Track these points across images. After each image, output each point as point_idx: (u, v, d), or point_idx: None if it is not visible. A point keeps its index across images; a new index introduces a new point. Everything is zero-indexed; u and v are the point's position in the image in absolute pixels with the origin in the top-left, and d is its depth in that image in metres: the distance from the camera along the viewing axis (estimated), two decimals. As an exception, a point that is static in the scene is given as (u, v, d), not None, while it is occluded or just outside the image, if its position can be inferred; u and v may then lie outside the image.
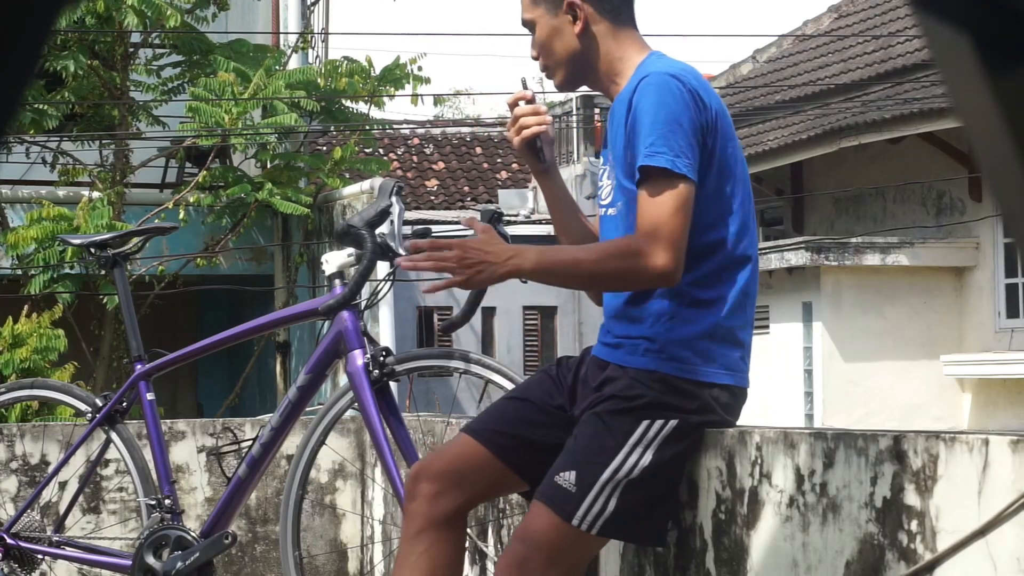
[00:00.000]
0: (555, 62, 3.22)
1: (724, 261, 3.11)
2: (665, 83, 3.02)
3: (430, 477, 3.25)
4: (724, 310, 3.10)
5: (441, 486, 3.23)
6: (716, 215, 3.10)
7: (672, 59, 3.16)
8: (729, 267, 3.11)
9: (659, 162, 2.97)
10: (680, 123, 2.99)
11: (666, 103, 3.00)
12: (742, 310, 3.14)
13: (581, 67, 3.22)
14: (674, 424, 3.08)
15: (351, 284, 3.92)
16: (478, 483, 3.27)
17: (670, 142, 2.98)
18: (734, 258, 3.12)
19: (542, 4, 3.21)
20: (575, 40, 3.19)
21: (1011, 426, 13.30)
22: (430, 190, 22.24)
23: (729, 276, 3.11)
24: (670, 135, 2.98)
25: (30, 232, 12.52)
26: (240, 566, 5.93)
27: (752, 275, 3.16)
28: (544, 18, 3.20)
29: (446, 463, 3.27)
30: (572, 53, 3.19)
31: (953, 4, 0.93)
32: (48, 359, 11.40)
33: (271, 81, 13.35)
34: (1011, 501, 2.42)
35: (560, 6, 3.18)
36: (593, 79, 3.24)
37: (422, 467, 3.31)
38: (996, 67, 0.91)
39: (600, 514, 3.06)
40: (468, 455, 3.25)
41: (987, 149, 0.94)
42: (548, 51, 3.22)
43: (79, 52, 13.03)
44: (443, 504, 3.23)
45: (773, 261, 14.47)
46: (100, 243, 4.53)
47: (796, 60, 18.27)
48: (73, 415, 5.18)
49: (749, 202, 3.18)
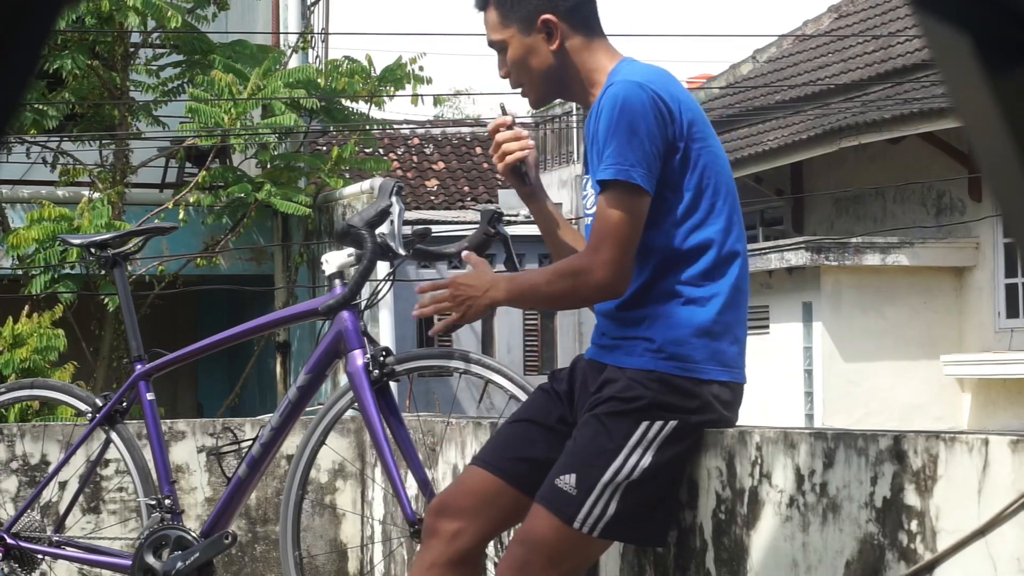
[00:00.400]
0: (530, 80, 3.23)
1: (714, 259, 3.11)
2: (625, 92, 3.03)
3: (452, 515, 3.24)
4: (719, 307, 3.11)
5: (463, 524, 3.23)
6: (701, 215, 3.11)
7: (642, 64, 3.16)
8: (720, 264, 3.12)
9: (609, 175, 3.01)
10: (636, 132, 3.01)
11: (624, 112, 3.01)
12: (736, 306, 3.14)
13: (557, 83, 3.23)
14: (674, 425, 3.08)
15: (351, 284, 3.92)
16: (496, 515, 3.26)
17: (624, 153, 3.00)
18: (724, 255, 3.13)
19: (514, 24, 3.20)
20: (550, 57, 3.19)
21: (1011, 426, 13.30)
22: (430, 190, 22.24)
23: (720, 273, 3.12)
24: (625, 145, 3.00)
25: (31, 232, 12.52)
26: (240, 566, 5.93)
27: (742, 270, 3.16)
28: (516, 38, 3.20)
29: (465, 498, 3.25)
30: (548, 70, 3.20)
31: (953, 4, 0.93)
32: (48, 359, 11.40)
33: (270, 81, 13.35)
34: (1011, 501, 2.42)
35: (533, 25, 3.18)
36: (569, 93, 3.26)
37: (443, 504, 3.29)
38: (996, 67, 0.91)
39: (601, 516, 3.06)
40: (483, 487, 3.25)
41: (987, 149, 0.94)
42: (523, 70, 3.22)
43: (79, 52, 13.03)
44: (463, 542, 3.23)
45: (773, 261, 14.47)
46: (100, 243, 4.53)
47: (796, 60, 18.27)
48: (73, 415, 5.18)
49: (733, 198, 3.18)
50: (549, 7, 3.18)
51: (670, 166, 3.08)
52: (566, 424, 3.22)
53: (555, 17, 3.17)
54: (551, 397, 3.28)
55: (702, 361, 3.09)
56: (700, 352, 3.08)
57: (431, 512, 3.30)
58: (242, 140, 13.60)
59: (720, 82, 19.40)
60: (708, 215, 3.11)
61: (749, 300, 3.26)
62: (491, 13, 3.25)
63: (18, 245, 12.58)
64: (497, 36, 3.23)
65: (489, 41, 3.27)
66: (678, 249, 3.09)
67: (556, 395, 3.27)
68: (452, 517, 3.24)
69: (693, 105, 3.15)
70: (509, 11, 3.20)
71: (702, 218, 3.11)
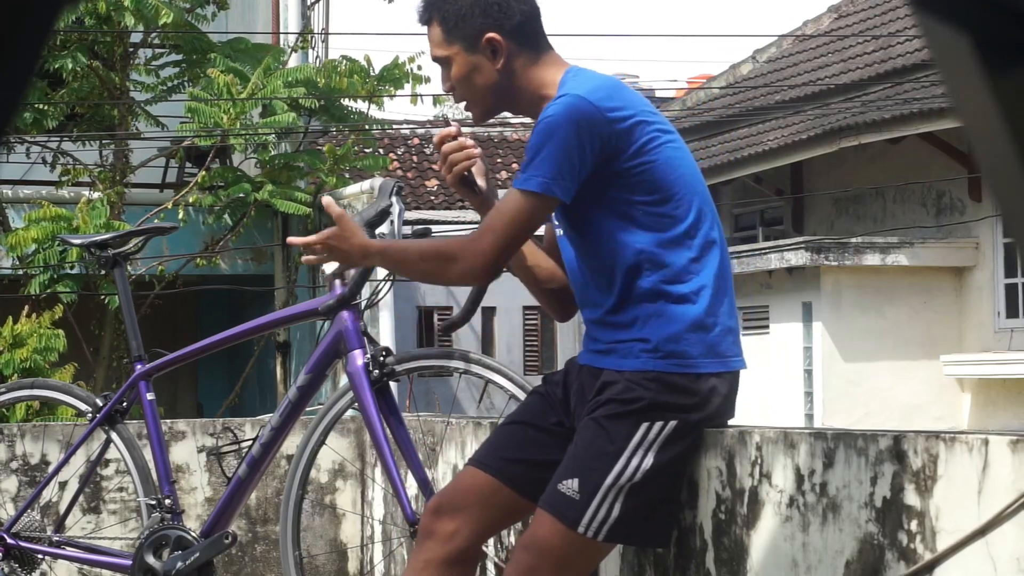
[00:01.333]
0: (474, 97, 3.23)
1: (692, 252, 3.11)
2: (565, 104, 3.03)
3: (448, 514, 3.26)
4: (707, 298, 3.11)
5: (459, 524, 3.24)
6: (670, 211, 3.11)
7: (586, 75, 3.15)
8: (699, 256, 3.12)
9: (532, 185, 3.03)
10: (564, 143, 3.01)
11: (555, 126, 3.01)
12: (723, 294, 3.14)
13: (502, 99, 3.23)
14: (674, 424, 3.08)
15: (351, 284, 3.92)
16: (492, 515, 3.28)
17: (550, 164, 3.01)
18: (701, 246, 3.12)
19: (458, 42, 3.19)
20: (495, 75, 3.19)
21: (1011, 426, 13.31)
22: (430, 190, 22.25)
23: (701, 264, 3.12)
24: (550, 158, 3.01)
25: (30, 232, 12.52)
26: (240, 566, 5.93)
27: (722, 256, 3.16)
28: (460, 55, 3.19)
29: (461, 498, 3.27)
30: (493, 87, 3.20)
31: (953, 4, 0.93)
32: (48, 359, 11.40)
33: (270, 80, 13.34)
34: (1011, 501, 2.42)
35: (478, 43, 3.17)
36: (516, 107, 3.26)
37: (439, 504, 3.30)
38: (996, 67, 0.91)
39: (605, 520, 3.07)
40: (479, 488, 3.26)
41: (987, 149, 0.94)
42: (467, 87, 3.22)
43: (79, 52, 13.03)
44: (459, 542, 3.24)
45: (773, 261, 14.46)
46: (100, 243, 4.53)
47: (796, 60, 18.26)
48: (73, 415, 5.18)
49: (700, 187, 3.17)
50: (494, 25, 3.17)
51: (626, 172, 3.08)
52: (563, 427, 3.23)
53: (499, 36, 3.17)
54: (546, 400, 3.28)
55: (698, 356, 3.09)
56: (696, 347, 3.09)
57: (427, 512, 3.31)
58: (242, 140, 13.59)
59: (720, 82, 19.39)
60: (677, 210, 3.11)
61: (749, 300, 3.26)
62: (435, 29, 3.24)
63: (17, 245, 12.58)
64: (441, 52, 3.23)
65: (433, 56, 3.26)
66: (653, 248, 3.09)
67: (551, 399, 3.27)
68: (448, 517, 3.25)
69: (640, 107, 3.13)
70: (453, 28, 3.20)
71: (671, 213, 3.11)
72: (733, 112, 17.56)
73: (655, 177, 3.10)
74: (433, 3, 3.24)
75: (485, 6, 3.18)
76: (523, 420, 3.30)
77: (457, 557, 3.25)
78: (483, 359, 4.02)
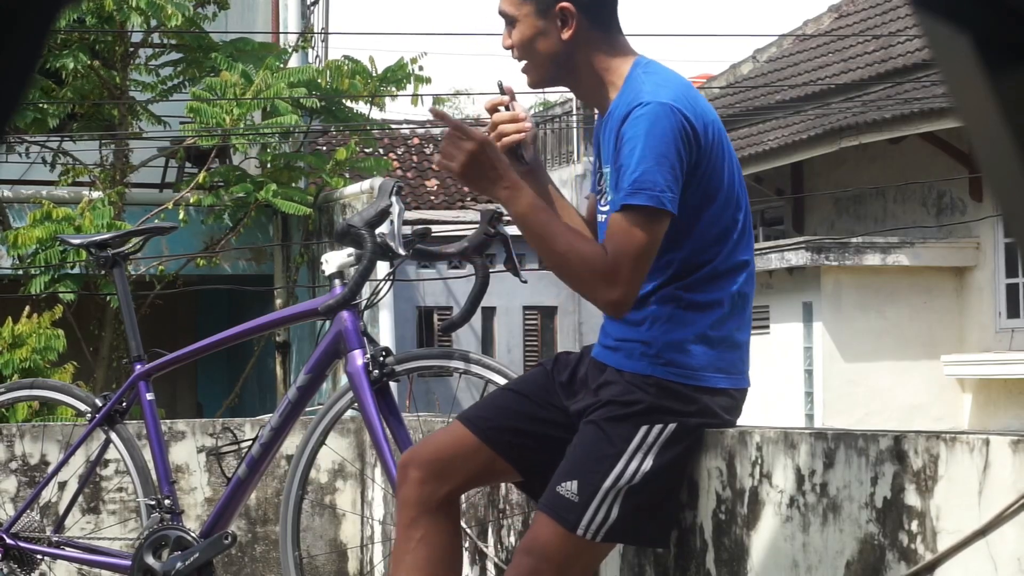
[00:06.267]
0: (535, 62, 3.17)
1: (720, 267, 3.11)
2: (657, 115, 2.98)
3: (418, 464, 3.28)
4: (720, 313, 3.10)
5: (428, 472, 3.26)
6: (720, 228, 3.11)
7: (661, 72, 3.11)
8: (725, 272, 3.12)
9: (640, 200, 2.96)
10: (667, 156, 2.97)
11: (655, 136, 2.97)
12: (740, 312, 3.13)
13: (562, 71, 3.18)
14: (673, 427, 3.08)
15: (351, 284, 3.92)
16: (467, 470, 3.28)
17: (655, 178, 2.96)
18: (730, 264, 3.12)
19: (530, 3, 3.14)
20: (560, 45, 3.13)
21: (1012, 426, 13.30)
22: (430, 190, 22.25)
23: (725, 280, 3.11)
24: (655, 170, 2.96)
25: (34, 232, 12.51)
26: (240, 566, 5.93)
27: (748, 278, 3.16)
28: (530, 18, 3.14)
29: (434, 450, 3.29)
30: (555, 56, 3.15)
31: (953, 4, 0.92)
32: (48, 359, 11.39)
33: (274, 81, 13.34)
34: (1012, 501, 2.42)
35: (551, 9, 3.12)
36: (573, 84, 3.21)
37: (411, 454, 3.33)
38: (996, 67, 0.91)
39: (604, 522, 3.07)
40: (458, 442, 3.27)
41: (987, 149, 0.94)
42: (529, 50, 3.16)
43: (79, 51, 13.03)
44: (431, 490, 3.25)
45: (773, 261, 14.46)
46: (100, 243, 4.53)
47: (796, 60, 18.26)
48: (73, 415, 5.18)
49: (747, 205, 3.17)
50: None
51: (693, 183, 3.05)
52: (559, 407, 3.22)
53: (574, 8, 3.12)
54: (550, 378, 3.27)
55: (700, 368, 3.08)
56: (699, 359, 3.08)
57: (400, 464, 3.34)
58: (244, 140, 13.59)
59: (720, 82, 19.39)
60: (726, 227, 3.11)
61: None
62: None
63: (19, 244, 12.57)
64: (511, 9, 3.17)
65: (500, 10, 3.19)
66: (691, 259, 3.09)
67: (555, 378, 3.26)
68: (419, 466, 3.27)
69: (713, 116, 3.11)
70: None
71: (720, 230, 3.10)
72: (733, 112, 17.55)
73: (715, 190, 3.09)
74: None
75: None
76: (522, 389, 3.30)
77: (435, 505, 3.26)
78: (483, 359, 4.02)
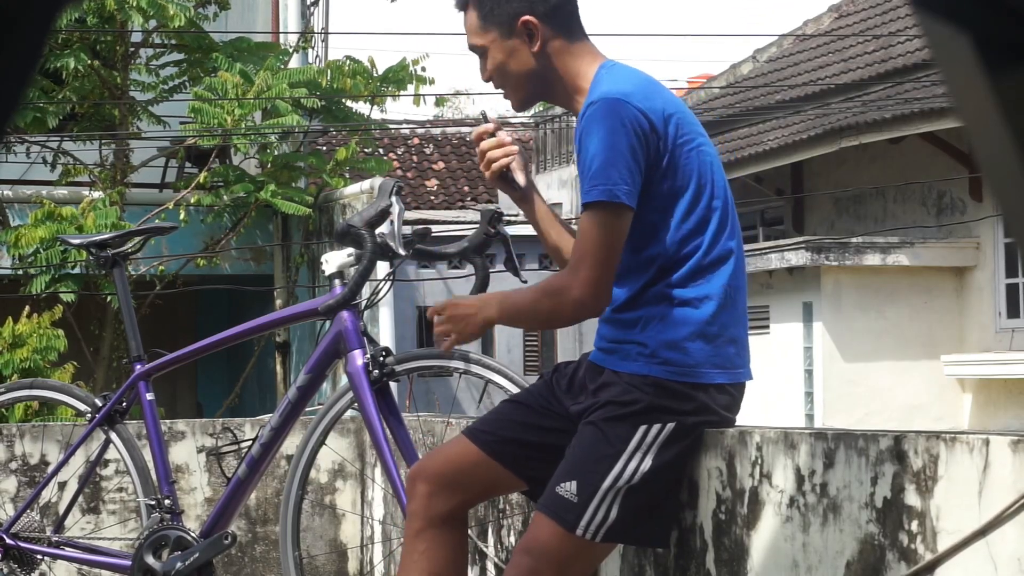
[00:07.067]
0: (512, 84, 3.23)
1: (704, 259, 3.11)
2: (606, 110, 3.02)
3: (426, 478, 3.31)
4: (713, 307, 3.10)
5: (436, 486, 3.28)
6: (696, 218, 3.11)
7: (623, 71, 3.14)
8: (712, 264, 3.11)
9: (594, 196, 3.02)
10: (618, 149, 3.01)
11: (605, 131, 3.01)
12: (732, 305, 3.13)
13: (539, 86, 3.22)
14: (671, 427, 3.08)
15: (351, 284, 3.92)
16: (474, 484, 3.31)
17: (608, 172, 3.00)
18: (717, 254, 3.12)
19: (493, 28, 3.19)
20: (532, 60, 3.18)
21: (1012, 426, 13.30)
22: (430, 190, 22.24)
23: (712, 273, 3.11)
24: (608, 165, 3.00)
25: (36, 232, 12.51)
26: (240, 566, 5.93)
27: (737, 268, 3.15)
28: (497, 42, 3.19)
29: (441, 464, 3.31)
30: (529, 73, 3.19)
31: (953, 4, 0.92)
32: (48, 359, 11.39)
33: (275, 81, 13.34)
34: (1012, 501, 2.42)
35: (513, 28, 3.17)
36: (552, 95, 3.25)
37: (419, 468, 3.36)
38: (996, 67, 0.91)
39: (603, 522, 3.07)
40: (463, 457, 3.29)
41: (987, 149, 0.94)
42: (505, 74, 3.22)
43: (80, 51, 13.02)
44: (439, 504, 3.28)
45: (773, 261, 14.46)
46: (99, 243, 4.53)
47: (796, 60, 18.26)
48: (73, 415, 5.18)
49: (725, 194, 3.17)
50: (528, 8, 3.17)
51: (659, 176, 3.07)
52: (562, 414, 3.23)
53: (535, 19, 3.16)
54: (551, 387, 3.29)
55: (698, 364, 3.08)
56: (695, 355, 3.08)
57: (409, 477, 3.37)
58: (246, 140, 13.58)
59: (720, 82, 19.39)
60: (702, 217, 3.11)
61: (749, 300, 3.26)
62: (471, 15, 3.24)
63: (20, 244, 12.57)
64: (478, 40, 3.23)
65: (470, 45, 3.26)
66: (673, 253, 3.09)
67: (557, 386, 3.28)
68: (427, 480, 3.30)
69: (677, 108, 3.13)
70: (488, 14, 3.20)
71: (697, 221, 3.11)
72: (733, 112, 17.56)
73: (685, 180, 3.10)
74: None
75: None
76: (525, 401, 3.33)
77: (442, 519, 3.29)
78: (483, 359, 4.02)
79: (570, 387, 3.25)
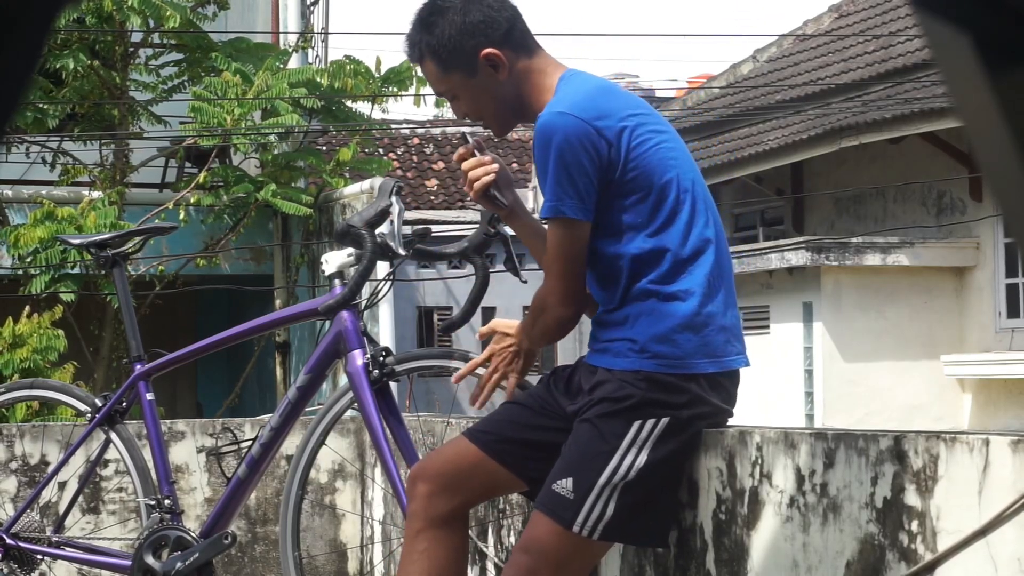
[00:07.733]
0: (490, 115, 3.27)
1: (682, 252, 3.12)
2: (548, 127, 3.06)
3: (426, 478, 3.33)
4: (698, 297, 3.11)
5: (436, 487, 3.30)
6: (666, 213, 3.13)
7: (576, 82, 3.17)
8: (691, 257, 3.13)
9: (544, 212, 3.11)
10: (563, 163, 3.05)
11: (552, 148, 3.05)
12: (717, 292, 3.14)
13: (515, 109, 3.25)
14: (666, 422, 3.09)
15: (351, 284, 3.92)
16: (474, 485, 3.33)
17: (555, 188, 3.07)
18: (692, 246, 3.13)
19: (456, 70, 3.21)
20: (503, 88, 3.21)
21: (1012, 426, 13.31)
22: (430, 190, 22.25)
23: (693, 264, 3.13)
24: (555, 182, 3.06)
25: (36, 232, 12.51)
26: (240, 566, 5.93)
27: (718, 255, 3.16)
28: (465, 83, 3.22)
29: (442, 465, 3.33)
30: (504, 101, 3.23)
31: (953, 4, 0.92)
32: (48, 359, 11.39)
33: (275, 81, 13.34)
34: (1012, 501, 2.42)
35: (476, 64, 3.19)
36: (529, 115, 3.27)
37: (419, 468, 3.38)
38: (996, 67, 0.91)
39: (600, 519, 3.08)
40: (464, 458, 3.31)
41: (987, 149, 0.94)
42: (480, 109, 3.26)
43: (79, 51, 13.02)
44: (439, 505, 3.30)
45: (773, 261, 14.46)
46: (99, 243, 4.53)
47: (796, 60, 18.26)
48: (73, 415, 5.18)
49: (697, 186, 3.18)
50: (485, 42, 3.19)
51: (618, 181, 3.10)
52: (560, 413, 3.24)
53: (495, 49, 3.19)
54: (549, 389, 3.31)
55: (687, 355, 3.09)
56: (684, 346, 3.09)
57: (410, 478, 3.40)
58: (246, 140, 13.58)
59: (720, 82, 19.39)
60: (671, 212, 3.12)
61: (749, 300, 3.27)
62: (429, 66, 3.26)
63: (19, 243, 12.57)
64: (443, 87, 3.26)
65: (436, 92, 3.30)
66: (649, 251, 3.11)
67: (555, 387, 3.30)
68: (427, 481, 3.32)
69: (634, 110, 3.15)
70: (447, 59, 3.22)
71: (666, 217, 3.13)
72: (733, 112, 17.55)
73: (647, 180, 3.12)
74: (419, 41, 3.25)
75: (471, 28, 3.20)
76: (525, 402, 3.34)
77: (442, 519, 3.31)
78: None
79: (567, 389, 3.27)
